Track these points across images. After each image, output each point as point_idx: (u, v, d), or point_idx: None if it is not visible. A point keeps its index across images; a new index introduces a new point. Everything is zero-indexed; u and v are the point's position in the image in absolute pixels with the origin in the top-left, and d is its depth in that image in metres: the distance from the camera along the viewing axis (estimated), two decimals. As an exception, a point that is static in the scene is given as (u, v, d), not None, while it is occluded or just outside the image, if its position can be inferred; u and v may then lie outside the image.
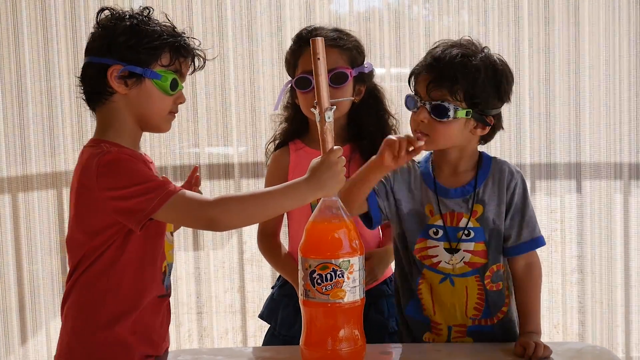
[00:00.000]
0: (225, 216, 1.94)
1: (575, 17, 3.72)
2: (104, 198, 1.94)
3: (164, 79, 2.04)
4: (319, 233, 1.97)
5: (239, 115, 3.85)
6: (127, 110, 2.06)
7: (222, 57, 3.80)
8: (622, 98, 3.73)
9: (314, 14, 3.74)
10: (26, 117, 3.77)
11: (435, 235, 2.27)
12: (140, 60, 2.02)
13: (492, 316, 2.28)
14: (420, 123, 2.19)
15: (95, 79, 2.05)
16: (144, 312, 2.08)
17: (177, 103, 2.12)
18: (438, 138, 2.19)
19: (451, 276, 2.26)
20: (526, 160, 3.81)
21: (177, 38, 2.07)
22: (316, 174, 1.97)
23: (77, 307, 2.05)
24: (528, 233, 2.26)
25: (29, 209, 3.84)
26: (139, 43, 2.01)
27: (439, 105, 2.15)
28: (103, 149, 1.98)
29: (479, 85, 2.16)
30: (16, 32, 3.72)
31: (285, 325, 2.62)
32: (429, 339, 2.31)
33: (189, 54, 2.10)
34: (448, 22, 3.81)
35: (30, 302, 3.88)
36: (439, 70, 2.17)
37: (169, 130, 2.16)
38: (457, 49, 2.20)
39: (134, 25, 2.03)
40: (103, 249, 2.01)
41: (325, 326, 1.96)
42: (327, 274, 1.92)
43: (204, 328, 3.98)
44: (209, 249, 3.94)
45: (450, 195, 2.27)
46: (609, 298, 3.83)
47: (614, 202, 3.80)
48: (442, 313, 2.29)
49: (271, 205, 1.99)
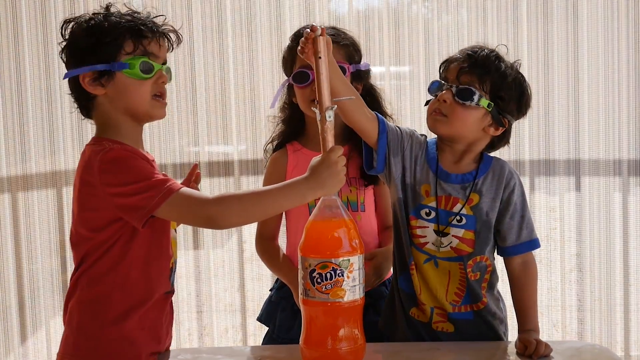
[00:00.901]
0: (225, 214, 1.94)
1: (574, 14, 3.72)
2: (107, 194, 1.94)
3: (132, 66, 2.01)
4: (319, 232, 1.98)
5: (238, 113, 3.86)
6: (113, 107, 2.05)
7: (221, 55, 3.81)
8: (620, 95, 3.74)
9: (314, 13, 3.74)
10: (26, 116, 3.77)
11: (427, 215, 2.29)
12: (104, 57, 2.01)
13: (472, 304, 2.30)
14: (442, 103, 2.25)
15: (76, 91, 2.07)
16: (151, 308, 2.08)
17: (160, 84, 2.08)
18: (455, 121, 2.25)
19: (436, 258, 2.29)
20: (525, 156, 3.81)
21: (134, 22, 2.04)
22: (316, 173, 1.96)
23: (83, 303, 2.05)
24: (527, 234, 2.30)
25: (28, 208, 3.85)
26: (98, 41, 2.01)
27: (466, 89, 2.23)
28: (105, 147, 1.98)
29: (506, 83, 2.26)
30: (16, 32, 3.72)
31: (283, 329, 2.61)
32: (414, 315, 2.33)
33: (154, 34, 2.06)
34: (447, 20, 3.82)
35: (30, 301, 3.88)
36: (474, 59, 2.26)
37: (164, 116, 2.14)
38: (495, 52, 2.31)
39: (90, 27, 2.02)
40: (109, 244, 2.01)
41: (325, 325, 1.97)
42: (326, 273, 1.92)
43: (204, 327, 3.98)
44: (209, 248, 3.94)
45: (450, 180, 2.30)
46: (608, 296, 3.83)
47: (613, 200, 3.80)
48: (426, 293, 2.31)
49: (271, 203, 1.98)
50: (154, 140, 3.80)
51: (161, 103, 2.10)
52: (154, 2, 3.72)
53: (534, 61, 3.78)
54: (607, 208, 3.81)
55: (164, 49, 2.10)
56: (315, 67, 1.97)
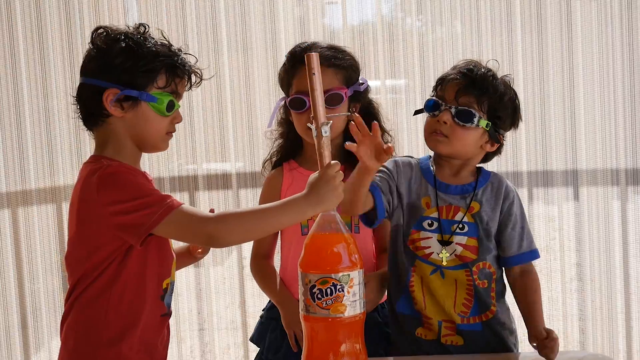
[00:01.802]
0: (225, 232, 1.94)
1: (568, 24, 3.73)
2: (105, 212, 1.93)
3: (160, 102, 2.02)
4: (318, 248, 1.98)
5: (235, 131, 3.86)
6: (123, 131, 2.05)
7: (217, 72, 3.81)
8: (617, 103, 3.75)
9: (308, 29, 3.75)
10: (24, 132, 3.78)
11: (429, 226, 2.31)
12: (136, 84, 2.00)
13: (481, 314, 2.30)
14: (442, 124, 2.27)
15: (90, 100, 2.04)
16: (147, 330, 2.07)
17: (174, 123, 2.11)
18: (456, 142, 2.28)
19: (441, 268, 2.30)
20: (523, 167, 3.82)
21: (173, 58, 2.05)
22: (315, 189, 1.97)
23: (79, 324, 2.04)
24: (527, 244, 2.34)
25: (28, 223, 3.85)
26: (135, 66, 2.00)
27: (466, 111, 2.25)
28: (103, 164, 1.98)
29: (504, 102, 2.30)
30: (12, 48, 3.73)
31: (271, 350, 2.60)
32: (420, 334, 2.33)
33: (185, 74, 2.09)
34: (441, 33, 3.83)
35: (32, 321, 3.88)
36: (472, 79, 2.27)
37: (165, 150, 2.16)
38: (491, 70, 2.34)
39: (129, 47, 2.00)
40: (104, 266, 2.00)
41: (327, 341, 1.97)
42: (327, 288, 1.92)
43: (205, 344, 3.98)
44: (209, 265, 3.94)
45: (449, 191, 2.34)
46: (609, 305, 3.83)
47: (612, 208, 3.80)
48: (433, 306, 2.31)
49: (270, 220, 1.98)
50: (152, 160, 3.80)
51: (170, 136, 2.12)
52: (149, 19, 3.73)
53: (529, 72, 3.79)
54: (605, 217, 3.81)
55: (184, 89, 2.12)
56: (309, 84, 1.97)
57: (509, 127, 2.37)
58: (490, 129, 2.29)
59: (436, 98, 2.31)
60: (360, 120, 2.07)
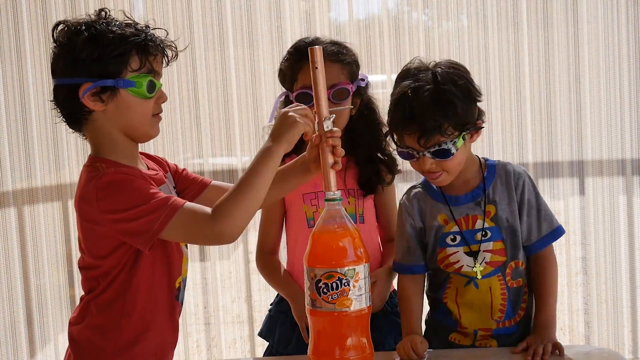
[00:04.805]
0: (230, 224, 1.87)
1: (574, 15, 3.74)
2: (108, 221, 1.88)
3: (139, 85, 1.92)
4: (323, 242, 1.97)
5: (242, 125, 3.86)
6: (110, 125, 1.96)
7: (223, 66, 3.82)
8: (622, 95, 3.75)
9: (314, 23, 3.75)
10: (30, 130, 3.79)
11: (453, 242, 2.29)
12: (109, 72, 1.90)
13: (515, 315, 2.29)
14: (430, 168, 2.20)
15: (68, 101, 1.95)
16: (162, 331, 2.06)
17: (159, 103, 2.01)
18: (453, 171, 2.22)
19: (474, 279, 2.27)
20: (528, 159, 3.82)
21: (141, 36, 1.93)
22: (274, 131, 1.95)
23: (93, 329, 2.01)
24: (547, 225, 2.28)
25: (35, 221, 3.86)
26: (103, 54, 1.89)
27: (440, 150, 2.17)
28: (99, 171, 1.91)
29: (461, 113, 2.17)
30: (18, 45, 3.74)
31: (282, 343, 2.60)
32: (454, 339, 2.32)
33: (158, 50, 1.97)
34: (448, 27, 3.83)
35: (38, 316, 3.89)
36: (421, 124, 2.15)
37: (158, 134, 2.06)
38: (422, 86, 2.18)
39: (93, 36, 1.90)
40: (117, 271, 1.96)
41: (333, 335, 1.96)
42: (332, 283, 1.92)
43: (212, 338, 3.99)
44: (215, 259, 3.95)
45: (461, 202, 2.30)
46: (615, 299, 3.83)
47: (617, 202, 3.80)
48: (468, 317, 2.30)
49: (255, 182, 1.90)
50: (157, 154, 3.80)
51: (158, 118, 2.03)
52: (155, 14, 3.74)
53: (535, 64, 3.79)
54: (611, 210, 3.81)
55: (162, 65, 2.02)
56: (312, 77, 1.97)
57: (476, 107, 2.25)
58: (467, 136, 2.21)
59: (404, 149, 2.22)
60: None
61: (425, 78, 2.20)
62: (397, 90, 2.24)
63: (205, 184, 2.19)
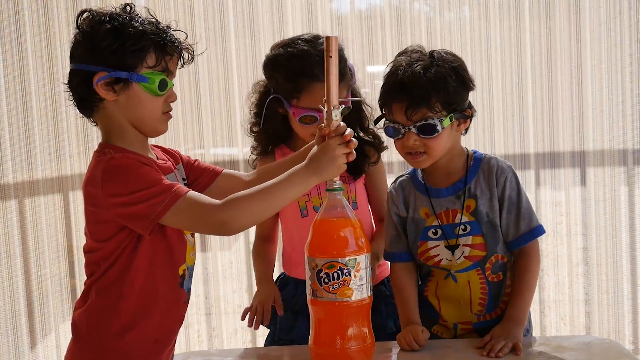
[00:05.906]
0: (236, 218, 1.90)
1: (576, 6, 3.74)
2: (110, 205, 1.91)
3: (151, 81, 1.97)
4: (325, 232, 1.98)
5: (243, 116, 3.85)
6: (120, 115, 2.01)
7: (225, 58, 3.82)
8: (624, 85, 3.75)
9: (316, 13, 3.74)
10: (31, 122, 3.78)
11: (434, 235, 2.30)
12: (125, 65, 1.95)
13: (496, 308, 2.30)
14: (413, 144, 2.22)
15: (82, 86, 1.99)
16: (167, 319, 2.07)
17: (169, 102, 2.06)
18: (434, 152, 2.23)
19: (452, 273, 2.29)
20: (530, 150, 3.82)
21: (161, 36, 1.99)
22: (315, 159, 1.95)
23: (91, 312, 2.03)
24: (525, 225, 2.28)
25: (35, 213, 3.86)
26: (122, 47, 1.94)
27: (425, 125, 2.19)
28: (107, 155, 1.95)
29: (451, 91, 2.21)
30: (19, 37, 3.73)
31: (284, 330, 2.62)
32: (436, 332, 2.34)
33: (175, 51, 2.03)
34: (449, 17, 3.82)
35: (38, 307, 3.89)
36: (410, 93, 2.19)
37: (166, 131, 2.11)
38: (416, 59, 2.24)
39: (115, 28, 1.95)
40: (115, 256, 1.99)
41: (334, 325, 1.97)
42: (333, 272, 1.93)
43: (213, 329, 3.99)
44: (217, 250, 3.95)
45: (442, 195, 2.31)
46: (616, 289, 3.84)
47: (619, 192, 3.81)
48: (448, 311, 2.32)
49: (277, 195, 1.94)
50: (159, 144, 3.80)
51: (168, 116, 2.08)
52: (157, 6, 3.73)
53: (537, 54, 3.79)
54: (612, 201, 3.82)
55: (177, 67, 2.07)
56: (325, 66, 1.96)
57: (467, 95, 2.28)
58: (455, 117, 2.23)
59: (391, 124, 2.25)
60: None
61: (421, 56, 2.26)
62: (391, 63, 2.30)
63: (217, 172, 2.23)
